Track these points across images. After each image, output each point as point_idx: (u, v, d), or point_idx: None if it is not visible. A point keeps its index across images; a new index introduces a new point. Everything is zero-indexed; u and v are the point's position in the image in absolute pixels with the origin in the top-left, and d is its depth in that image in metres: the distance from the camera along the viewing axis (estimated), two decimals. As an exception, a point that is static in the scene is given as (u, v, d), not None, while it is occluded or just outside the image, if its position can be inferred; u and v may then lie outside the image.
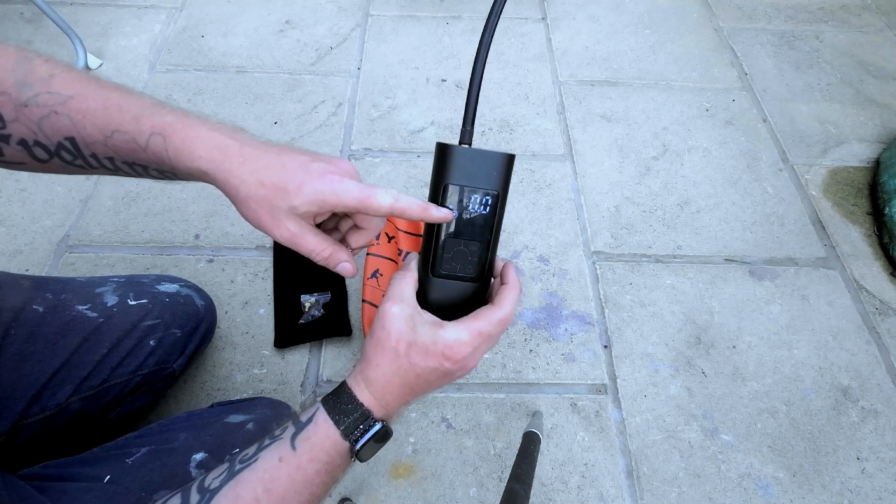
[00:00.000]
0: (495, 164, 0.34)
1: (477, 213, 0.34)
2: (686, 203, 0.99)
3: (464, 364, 0.34)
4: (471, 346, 0.33)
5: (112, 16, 1.25)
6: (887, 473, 0.72)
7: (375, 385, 0.34)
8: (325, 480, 0.33)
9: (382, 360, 0.33)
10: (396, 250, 0.84)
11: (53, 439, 0.54)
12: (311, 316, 0.80)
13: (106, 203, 0.93)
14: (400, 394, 0.34)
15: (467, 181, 0.34)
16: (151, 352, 0.60)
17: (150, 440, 0.50)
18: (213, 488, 0.32)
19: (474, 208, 0.34)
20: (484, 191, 0.34)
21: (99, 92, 0.34)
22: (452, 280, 0.36)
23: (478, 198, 0.34)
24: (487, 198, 0.34)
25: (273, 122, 1.06)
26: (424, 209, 0.34)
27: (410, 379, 0.33)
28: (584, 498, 0.68)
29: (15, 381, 0.51)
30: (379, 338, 0.33)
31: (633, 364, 0.80)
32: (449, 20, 1.30)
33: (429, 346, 0.32)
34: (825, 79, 1.22)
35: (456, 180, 0.34)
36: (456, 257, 0.35)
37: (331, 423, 0.33)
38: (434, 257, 0.35)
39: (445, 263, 0.35)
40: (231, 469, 0.33)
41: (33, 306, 0.54)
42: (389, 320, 0.33)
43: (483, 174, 0.34)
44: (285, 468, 0.32)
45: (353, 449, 0.33)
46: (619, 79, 1.19)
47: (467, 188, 0.34)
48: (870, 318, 0.86)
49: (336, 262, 0.39)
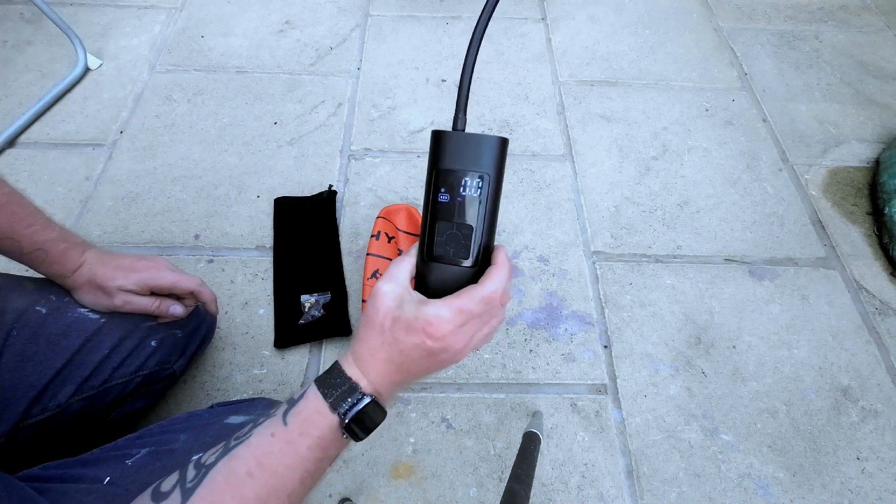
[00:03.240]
0: (487, 148, 0.34)
1: (469, 196, 0.34)
2: (686, 203, 0.99)
3: (446, 344, 0.33)
4: (451, 323, 0.33)
5: (112, 16, 1.25)
6: (887, 473, 0.72)
7: (362, 360, 0.35)
8: (318, 457, 0.33)
9: (369, 336, 0.34)
10: (396, 250, 0.84)
11: (54, 440, 0.54)
12: (311, 316, 0.80)
13: (106, 203, 0.93)
14: (386, 371, 0.34)
15: (459, 165, 0.34)
16: (152, 352, 0.60)
17: (150, 441, 0.50)
18: (208, 464, 0.33)
19: (466, 192, 0.34)
20: (475, 173, 0.34)
21: (7, 206, 0.49)
22: (446, 264, 0.35)
23: (468, 181, 0.34)
24: (479, 180, 0.34)
25: (273, 122, 1.06)
26: (212, 300, 0.65)
27: (395, 355, 0.34)
28: (584, 498, 0.68)
29: (16, 381, 0.51)
30: (369, 314, 0.35)
31: (633, 364, 0.80)
32: (449, 20, 1.30)
33: (411, 322, 0.33)
34: (825, 79, 1.22)
35: (448, 164, 0.34)
36: (449, 240, 0.35)
37: (320, 397, 0.33)
38: (429, 241, 0.35)
39: (438, 247, 0.35)
40: (226, 446, 0.33)
41: (36, 308, 0.54)
42: (380, 298, 0.34)
43: (474, 157, 0.34)
44: (277, 443, 0.33)
45: (343, 423, 0.33)
46: (618, 79, 1.19)
47: (458, 171, 0.34)
48: (870, 318, 0.86)
49: (165, 307, 0.58)
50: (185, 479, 0.32)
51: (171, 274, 0.58)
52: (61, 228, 0.54)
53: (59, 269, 0.54)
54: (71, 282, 0.55)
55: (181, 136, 1.03)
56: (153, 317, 0.60)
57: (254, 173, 0.98)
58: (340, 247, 0.89)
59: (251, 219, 0.92)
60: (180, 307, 0.60)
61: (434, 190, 0.34)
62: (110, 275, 0.55)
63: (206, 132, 1.04)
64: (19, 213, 0.51)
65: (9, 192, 0.50)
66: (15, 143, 1.00)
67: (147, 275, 0.56)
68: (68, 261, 0.54)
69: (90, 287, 0.55)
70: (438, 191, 0.34)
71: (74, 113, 1.06)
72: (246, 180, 0.97)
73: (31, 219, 0.51)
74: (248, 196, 0.95)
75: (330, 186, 0.96)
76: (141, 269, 0.56)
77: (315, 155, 1.02)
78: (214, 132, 1.04)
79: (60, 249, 0.53)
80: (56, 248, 0.53)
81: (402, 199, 0.96)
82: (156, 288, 0.57)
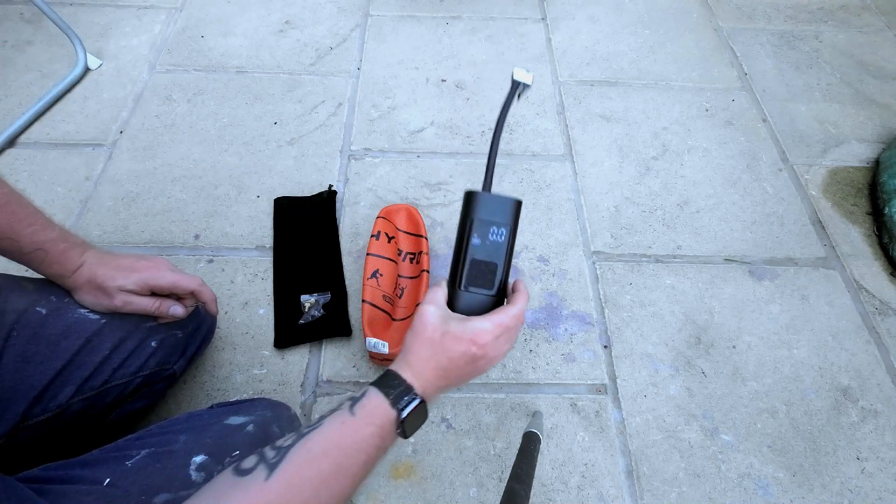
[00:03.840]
0: (508, 206, 0.46)
1: (494, 241, 0.46)
2: (686, 203, 0.99)
3: (487, 351, 0.42)
4: (492, 334, 0.41)
5: (112, 16, 1.25)
6: (887, 473, 0.72)
7: (415, 368, 0.41)
8: (377, 444, 0.38)
9: (420, 348, 0.41)
10: (396, 250, 0.84)
11: (54, 441, 0.54)
12: (311, 316, 0.80)
13: (106, 203, 0.93)
14: (435, 376, 0.41)
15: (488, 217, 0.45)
16: (153, 353, 0.60)
17: (149, 442, 0.50)
18: (286, 446, 0.37)
19: (492, 238, 0.46)
20: (500, 224, 0.46)
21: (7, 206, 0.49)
22: (474, 293, 0.46)
23: (494, 229, 0.45)
24: (503, 229, 0.46)
25: (273, 122, 1.06)
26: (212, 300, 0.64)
27: (444, 362, 0.41)
28: (584, 498, 0.68)
29: (17, 382, 0.51)
30: (417, 330, 0.42)
31: (632, 364, 0.80)
32: (449, 20, 1.30)
33: (460, 334, 0.41)
34: (825, 79, 1.22)
35: (481, 216, 0.45)
36: (479, 275, 0.46)
37: (381, 395, 0.39)
38: (461, 275, 0.45)
39: (469, 280, 0.46)
40: (299, 433, 0.38)
41: (36, 308, 0.54)
42: (427, 316, 0.42)
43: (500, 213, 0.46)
44: (347, 429, 0.38)
45: (399, 418, 0.39)
46: (618, 79, 1.19)
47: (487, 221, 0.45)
48: (870, 318, 0.86)
49: (165, 308, 0.58)
50: (265, 458, 0.36)
51: (171, 274, 0.58)
52: (61, 229, 0.54)
53: (59, 270, 0.54)
54: (71, 282, 0.55)
55: (181, 136, 1.03)
56: (153, 317, 0.60)
57: (254, 173, 0.98)
58: (340, 247, 0.89)
59: (251, 219, 0.92)
60: (181, 307, 0.60)
61: (468, 235, 0.45)
62: (110, 275, 0.55)
63: (206, 132, 1.04)
64: (19, 212, 0.51)
65: (8, 192, 0.50)
66: (15, 143, 1.00)
67: (147, 274, 0.56)
68: (68, 261, 0.54)
69: (90, 287, 0.55)
70: (472, 235, 0.45)
71: (74, 113, 1.06)
72: (246, 180, 0.97)
73: (31, 219, 0.51)
74: (248, 196, 0.95)
75: (330, 186, 0.96)
76: (141, 269, 0.56)
77: (315, 155, 1.02)
78: (214, 132, 1.04)
79: (60, 249, 0.53)
80: (56, 248, 0.53)
81: (402, 199, 0.96)
82: (156, 288, 0.57)
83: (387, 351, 0.71)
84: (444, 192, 0.98)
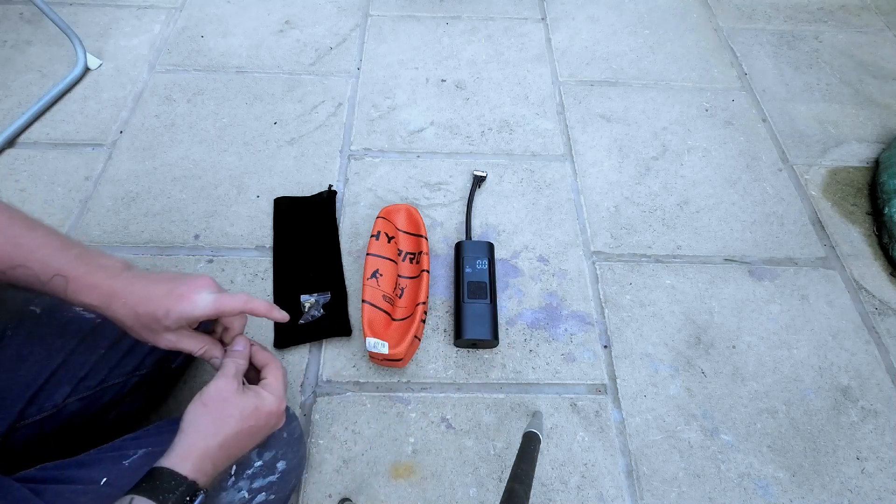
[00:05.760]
0: (484, 246, 0.83)
1: (480, 269, 0.80)
2: (686, 203, 0.99)
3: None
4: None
5: (112, 16, 1.25)
6: (887, 473, 0.71)
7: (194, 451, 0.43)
8: None
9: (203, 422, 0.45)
10: (396, 250, 0.84)
11: (50, 441, 0.54)
12: (311, 316, 0.80)
13: (105, 203, 0.92)
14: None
15: (472, 254, 0.82)
16: (150, 352, 0.60)
17: (147, 442, 0.50)
18: None
19: (478, 266, 0.80)
20: (481, 257, 0.81)
21: (9, 230, 0.45)
22: (476, 304, 0.76)
23: (479, 261, 0.81)
24: (484, 260, 0.81)
25: (273, 122, 1.06)
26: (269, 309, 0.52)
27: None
28: (584, 498, 0.68)
29: (12, 382, 0.51)
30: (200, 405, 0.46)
31: (632, 364, 0.79)
32: (449, 20, 1.30)
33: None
34: (825, 79, 1.22)
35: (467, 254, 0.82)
36: (476, 290, 0.77)
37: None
38: (463, 292, 0.77)
39: (470, 294, 0.77)
40: None
41: (31, 307, 0.54)
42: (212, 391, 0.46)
43: (479, 251, 0.82)
44: None
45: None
46: (618, 79, 1.19)
47: (472, 257, 0.81)
48: (869, 318, 0.85)
49: (210, 356, 0.52)
50: None
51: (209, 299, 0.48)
52: (80, 249, 0.47)
53: (88, 300, 0.46)
54: (111, 314, 0.47)
55: (181, 136, 1.03)
56: None
57: (254, 173, 0.98)
58: (340, 247, 0.89)
59: (251, 219, 0.92)
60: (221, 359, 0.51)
61: (462, 267, 0.80)
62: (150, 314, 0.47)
63: (205, 132, 1.04)
64: (25, 236, 0.45)
65: (8, 217, 0.45)
66: (15, 143, 1.00)
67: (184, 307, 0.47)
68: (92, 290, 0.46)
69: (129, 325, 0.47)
70: (465, 267, 0.80)
71: (74, 113, 1.06)
72: (246, 180, 0.97)
73: (41, 241, 0.45)
74: (248, 196, 0.95)
75: (330, 186, 0.96)
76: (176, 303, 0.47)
77: (315, 155, 1.02)
78: (214, 132, 1.04)
79: (81, 273, 0.45)
80: (76, 272, 0.45)
81: (402, 199, 0.96)
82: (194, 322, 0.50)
83: (387, 351, 0.71)
84: (444, 192, 0.98)
